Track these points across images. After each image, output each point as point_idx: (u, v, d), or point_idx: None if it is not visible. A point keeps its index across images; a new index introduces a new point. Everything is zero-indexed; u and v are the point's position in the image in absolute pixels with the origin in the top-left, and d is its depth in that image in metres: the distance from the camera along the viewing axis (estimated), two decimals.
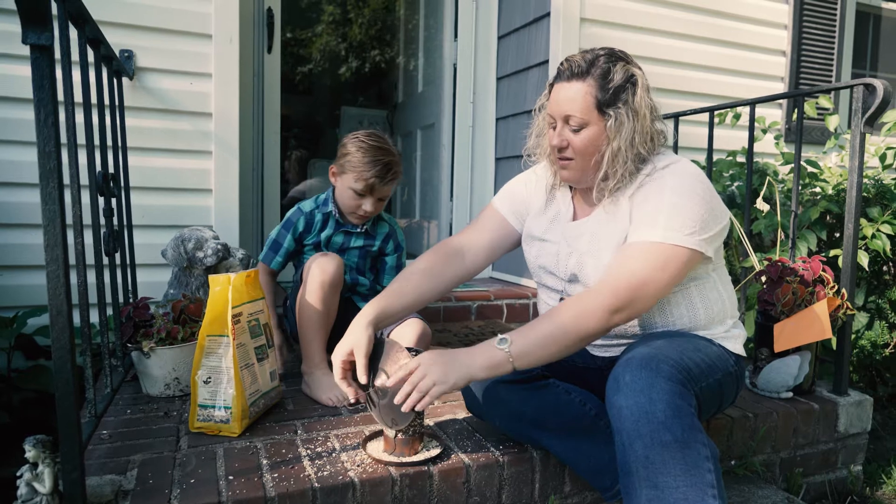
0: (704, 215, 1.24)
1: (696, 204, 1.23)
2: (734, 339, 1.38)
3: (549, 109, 1.34)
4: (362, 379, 1.26)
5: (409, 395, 1.14)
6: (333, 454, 1.32)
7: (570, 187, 1.46)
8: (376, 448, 1.34)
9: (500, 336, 1.17)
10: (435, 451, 1.32)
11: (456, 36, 3.17)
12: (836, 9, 3.37)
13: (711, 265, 1.35)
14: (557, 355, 1.19)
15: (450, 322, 2.59)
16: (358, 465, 1.26)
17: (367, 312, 1.31)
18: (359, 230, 1.94)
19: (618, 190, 1.31)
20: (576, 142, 1.29)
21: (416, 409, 1.14)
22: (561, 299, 1.42)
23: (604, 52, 1.29)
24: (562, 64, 1.31)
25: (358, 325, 1.29)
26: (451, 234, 3.24)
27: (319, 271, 1.68)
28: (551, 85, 1.34)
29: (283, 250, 1.91)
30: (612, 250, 1.30)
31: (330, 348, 1.75)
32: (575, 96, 1.26)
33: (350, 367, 1.29)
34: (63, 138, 1.09)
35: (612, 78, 1.25)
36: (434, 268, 1.44)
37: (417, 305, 1.41)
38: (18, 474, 1.02)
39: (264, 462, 1.27)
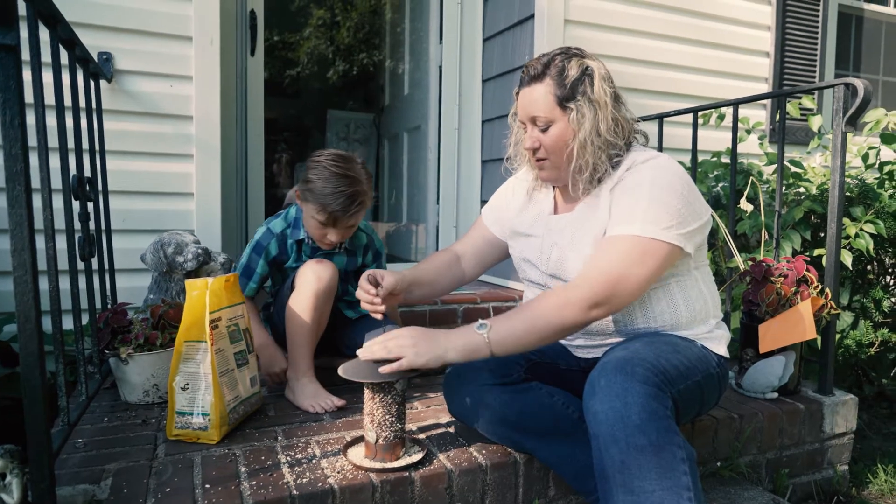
0: (682, 210, 1.24)
1: (675, 198, 1.24)
2: (717, 339, 1.37)
3: (519, 116, 1.38)
4: (381, 288, 1.37)
5: (375, 352, 1.21)
6: (314, 461, 1.30)
7: (553, 186, 1.46)
8: (357, 454, 1.32)
9: (479, 321, 1.21)
10: (417, 457, 1.30)
11: (441, 38, 3.16)
12: (818, 10, 3.39)
13: (693, 263, 1.35)
14: (535, 344, 1.22)
15: (436, 325, 2.57)
16: (338, 472, 1.24)
17: (406, 272, 1.47)
18: (338, 250, 1.82)
19: (598, 183, 1.33)
20: (545, 140, 1.32)
21: (381, 370, 1.20)
22: None
23: (559, 52, 1.33)
24: (522, 70, 1.36)
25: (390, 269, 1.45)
26: (437, 237, 3.22)
27: (315, 278, 1.63)
28: (517, 93, 1.38)
29: (257, 276, 1.77)
30: (592, 244, 1.31)
31: (316, 355, 1.73)
32: (537, 97, 1.30)
33: (376, 284, 1.38)
34: (33, 142, 1.07)
35: (567, 74, 1.29)
36: (444, 265, 1.57)
37: (433, 290, 1.55)
38: None
39: (242, 469, 1.25)
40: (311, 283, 1.63)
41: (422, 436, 1.45)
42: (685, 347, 1.27)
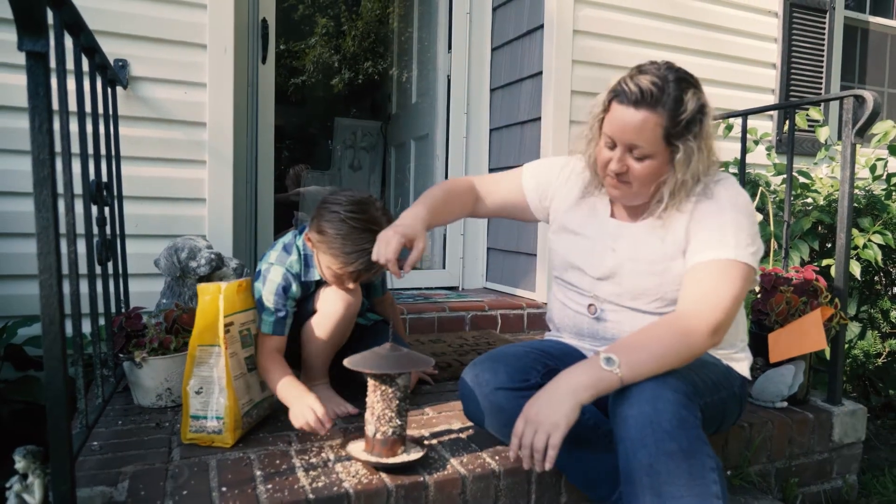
0: (754, 233, 1.26)
1: (750, 221, 1.25)
2: (741, 361, 1.39)
3: (608, 130, 1.25)
4: (412, 258, 1.25)
5: (531, 457, 1.10)
6: (328, 465, 1.30)
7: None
8: (357, 448, 1.33)
9: (603, 356, 1.12)
10: (415, 455, 1.29)
11: (450, 48, 3.19)
12: (824, 22, 3.42)
13: None
14: (662, 372, 1.15)
15: (444, 332, 2.58)
16: (353, 476, 1.25)
17: (422, 215, 1.31)
18: None
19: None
20: (637, 169, 1.23)
21: (547, 467, 1.09)
22: (590, 305, 1.40)
23: (673, 77, 1.20)
24: (626, 84, 1.21)
25: (416, 220, 1.28)
26: (444, 245, 3.23)
27: (343, 305, 1.60)
28: (610, 101, 1.25)
29: (290, 314, 1.61)
30: (659, 261, 1.30)
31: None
32: (643, 126, 1.18)
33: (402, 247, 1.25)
34: (57, 147, 1.09)
35: (684, 109, 1.18)
36: (458, 198, 1.47)
37: (445, 218, 1.44)
38: (8, 486, 1.00)
39: (258, 473, 1.26)
40: (338, 309, 1.60)
41: (434, 441, 1.46)
42: (711, 364, 1.28)
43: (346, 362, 1.28)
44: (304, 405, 1.38)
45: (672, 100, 1.18)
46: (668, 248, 1.29)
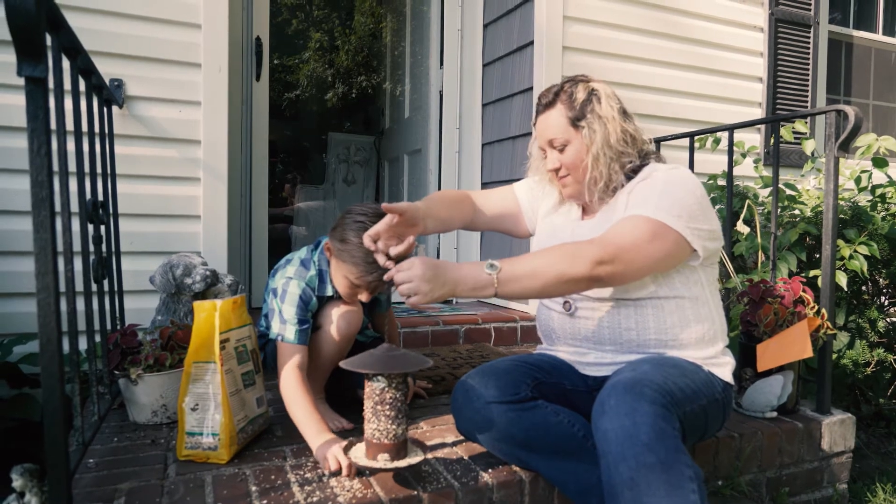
0: (693, 207, 1.32)
1: (687, 195, 1.33)
2: (723, 366, 1.41)
3: (538, 142, 1.51)
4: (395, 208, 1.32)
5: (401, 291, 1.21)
6: (323, 480, 1.32)
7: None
8: (359, 447, 1.32)
9: (489, 262, 1.24)
10: (392, 464, 1.26)
11: (442, 63, 3.23)
12: (809, 37, 3.48)
13: (705, 278, 1.41)
14: (538, 291, 1.27)
15: (438, 346, 2.60)
16: (347, 491, 1.26)
17: (416, 203, 1.42)
18: None
19: (613, 192, 1.43)
20: (564, 159, 1.44)
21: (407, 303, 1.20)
22: (565, 303, 1.48)
23: (567, 81, 1.48)
24: (536, 101, 1.50)
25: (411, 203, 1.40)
26: (438, 258, 3.25)
27: (346, 325, 1.62)
28: (534, 123, 1.51)
29: (311, 323, 1.63)
30: None
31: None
32: (551, 122, 1.44)
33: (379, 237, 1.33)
34: (54, 166, 1.11)
35: (575, 97, 1.42)
36: (458, 205, 1.59)
37: (445, 227, 1.54)
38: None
39: (253, 489, 1.26)
40: (342, 328, 1.62)
41: (428, 455, 1.47)
42: (692, 372, 1.30)
43: (343, 364, 1.27)
44: (331, 455, 1.34)
45: (567, 95, 1.44)
46: None
